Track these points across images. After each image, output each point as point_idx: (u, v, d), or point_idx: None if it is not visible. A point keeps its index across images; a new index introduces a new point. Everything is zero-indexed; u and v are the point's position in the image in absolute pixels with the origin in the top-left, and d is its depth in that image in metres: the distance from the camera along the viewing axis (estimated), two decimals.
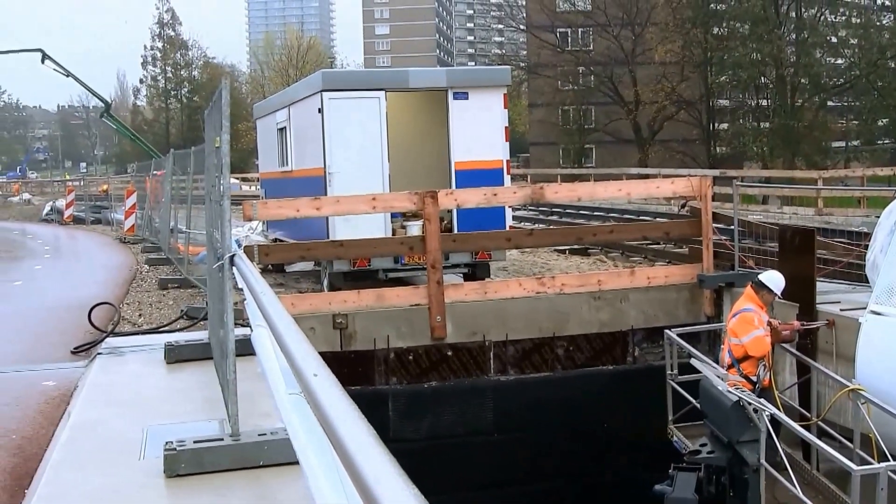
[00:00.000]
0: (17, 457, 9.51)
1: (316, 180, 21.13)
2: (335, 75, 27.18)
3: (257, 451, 7.93)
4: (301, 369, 3.76)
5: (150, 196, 39.35)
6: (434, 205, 17.34)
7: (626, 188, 22.39)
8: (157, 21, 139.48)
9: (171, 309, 18.73)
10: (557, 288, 18.34)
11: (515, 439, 17.79)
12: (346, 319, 17.21)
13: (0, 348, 16.00)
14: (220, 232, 8.52)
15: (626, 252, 27.93)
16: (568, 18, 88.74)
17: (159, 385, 11.85)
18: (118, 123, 79.89)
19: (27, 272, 29.32)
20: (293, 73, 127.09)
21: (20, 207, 72.75)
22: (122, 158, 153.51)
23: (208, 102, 11.22)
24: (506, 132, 21.53)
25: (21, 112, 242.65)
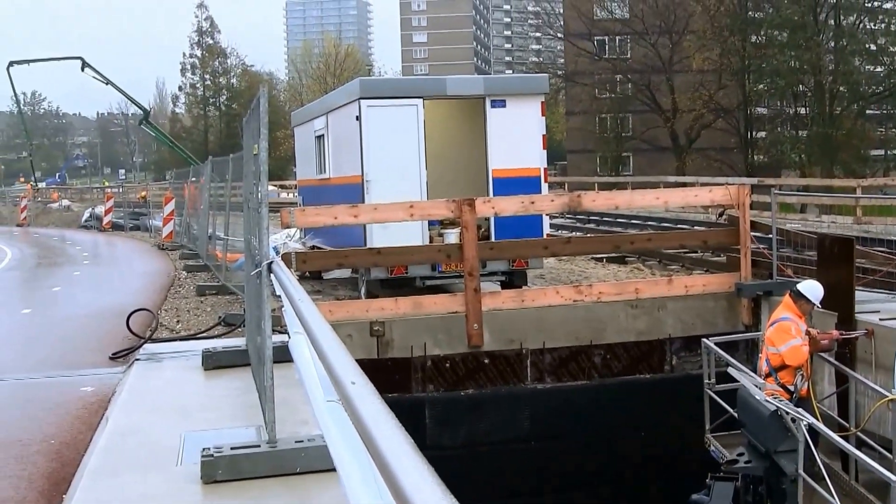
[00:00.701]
0: (56, 462, 9.55)
1: (353, 188, 21.16)
2: (373, 83, 27.23)
3: (294, 458, 7.94)
4: (339, 377, 3.76)
5: (188, 203, 39.46)
6: (471, 212, 17.34)
7: (663, 196, 22.33)
8: (197, 29, 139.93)
9: (209, 315, 18.78)
10: (595, 296, 18.31)
11: (552, 447, 17.75)
12: (383, 327, 17.22)
13: (39, 353, 16.09)
14: (258, 239, 8.54)
15: (663, 260, 27.83)
16: (605, 26, 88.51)
17: (197, 391, 11.88)
18: (157, 131, 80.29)
19: (66, 278, 29.47)
20: (331, 80, 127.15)
21: (59, 214, 73.08)
22: (160, 165, 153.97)
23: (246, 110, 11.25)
24: (543, 140, 21.50)
25: (61, 119, 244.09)
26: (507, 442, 17.60)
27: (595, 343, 18.12)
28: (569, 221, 41.58)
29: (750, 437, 14.39)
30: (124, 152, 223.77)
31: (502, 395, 17.70)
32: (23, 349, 16.79)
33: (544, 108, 21.91)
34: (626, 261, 28.57)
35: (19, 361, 15.41)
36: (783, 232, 20.89)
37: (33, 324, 20.16)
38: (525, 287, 21.23)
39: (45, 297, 25.39)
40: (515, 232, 20.42)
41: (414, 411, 16.78)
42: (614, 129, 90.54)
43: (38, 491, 8.76)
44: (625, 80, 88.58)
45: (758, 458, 14.10)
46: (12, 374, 14.33)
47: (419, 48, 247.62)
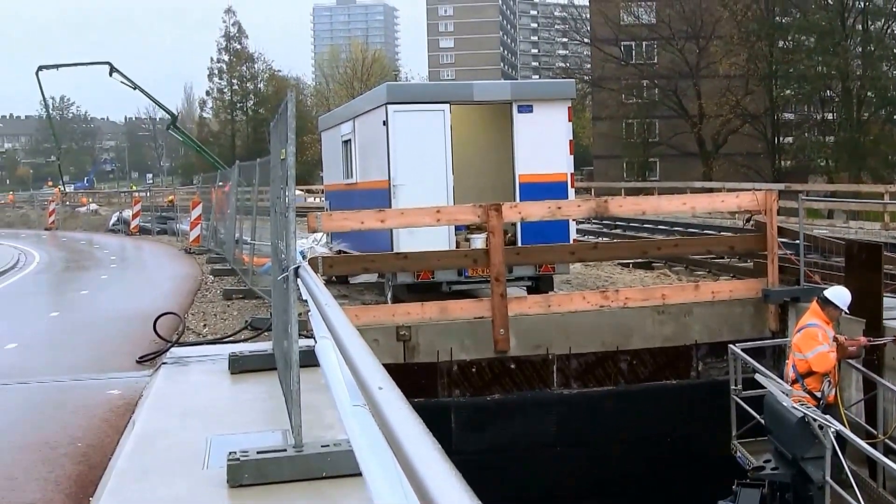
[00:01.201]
0: (82, 465, 9.58)
1: (380, 192, 21.17)
2: (400, 88, 27.26)
3: (320, 463, 7.95)
4: (366, 382, 3.76)
5: (215, 207, 39.59)
6: (498, 218, 17.33)
7: (690, 202, 22.30)
8: (224, 34, 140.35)
9: (236, 319, 18.82)
10: (621, 302, 18.28)
11: (578, 453, 17.73)
12: (409, 331, 17.23)
13: (66, 357, 16.15)
14: (286, 243, 8.55)
15: (690, 266, 27.77)
16: (632, 32, 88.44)
17: (223, 395, 11.91)
18: (184, 135, 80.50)
19: (93, 282, 29.58)
20: (358, 85, 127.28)
21: (87, 217, 73.40)
22: (187, 170, 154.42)
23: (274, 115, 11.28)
24: (570, 145, 21.49)
25: (89, 124, 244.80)
26: (533, 447, 17.58)
27: (621, 349, 18.09)
28: (595, 227, 41.52)
29: (777, 444, 14.35)
30: (152, 157, 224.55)
31: (528, 401, 17.69)
32: (50, 352, 16.85)
33: (571, 113, 21.90)
34: (653, 266, 28.51)
35: (47, 364, 15.47)
36: (810, 238, 20.83)
37: (61, 327, 20.24)
38: (551, 292, 21.21)
39: (73, 301, 25.50)
40: (542, 237, 20.40)
41: (440, 416, 16.78)
42: (641, 135, 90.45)
43: (65, 493, 8.79)
44: (651, 85, 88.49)
45: (785, 464, 14.06)
46: (40, 376, 14.38)
47: (446, 53, 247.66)
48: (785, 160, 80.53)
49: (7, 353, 16.73)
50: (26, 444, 10.51)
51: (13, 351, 16.92)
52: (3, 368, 15.14)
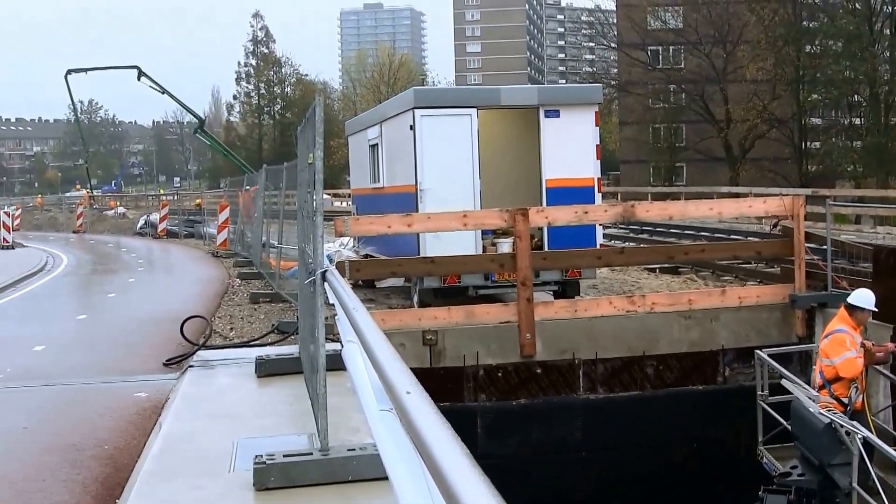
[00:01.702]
0: (109, 467, 9.61)
1: (407, 197, 21.19)
2: (427, 93, 27.26)
3: (346, 466, 7.97)
4: (394, 386, 3.76)
5: (242, 211, 39.66)
6: (525, 222, 17.33)
7: (717, 207, 22.21)
8: (252, 38, 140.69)
9: (263, 323, 18.85)
10: (648, 307, 18.25)
11: (604, 458, 17.71)
12: (435, 336, 17.24)
13: (94, 359, 16.20)
14: (313, 247, 8.57)
15: (716, 271, 27.69)
16: (659, 36, 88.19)
17: (249, 398, 11.94)
18: (212, 139, 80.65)
19: (121, 285, 29.68)
20: (385, 90, 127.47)
21: (115, 221, 73.65)
22: (214, 173, 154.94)
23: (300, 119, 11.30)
24: (597, 150, 21.47)
25: (117, 127, 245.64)
26: (559, 452, 17.58)
27: (648, 354, 18.07)
28: (621, 231, 41.45)
29: (803, 450, 14.31)
30: (179, 160, 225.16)
31: (554, 405, 17.68)
32: (78, 354, 16.91)
33: (598, 117, 21.88)
34: (680, 271, 28.45)
35: (74, 366, 15.53)
36: (838, 243, 20.77)
37: (88, 329, 20.30)
38: (578, 297, 21.19)
39: (101, 303, 25.59)
40: (568, 242, 20.38)
41: (466, 420, 16.78)
42: (667, 140, 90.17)
43: (92, 495, 8.82)
44: (678, 90, 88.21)
45: (811, 471, 14.01)
46: (67, 378, 14.44)
47: (472, 58, 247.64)
48: (812, 165, 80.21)
49: (35, 354, 16.81)
50: (53, 445, 10.55)
51: (41, 353, 16.99)
52: (31, 370, 15.21)
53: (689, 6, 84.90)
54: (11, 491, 9.16)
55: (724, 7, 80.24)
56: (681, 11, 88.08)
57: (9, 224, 51.98)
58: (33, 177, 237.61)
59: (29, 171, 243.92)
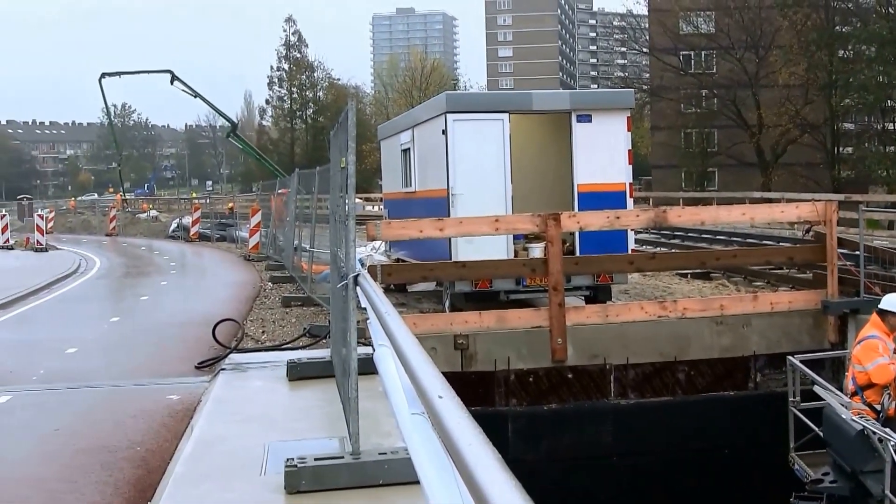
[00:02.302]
0: (141, 469, 9.66)
1: (439, 201, 21.20)
2: (459, 97, 27.31)
3: (377, 470, 7.98)
4: (426, 390, 3.77)
5: (274, 215, 39.75)
6: (557, 227, 17.32)
7: (749, 212, 22.17)
8: (284, 43, 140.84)
9: (294, 326, 18.88)
10: (679, 312, 18.20)
11: (635, 463, 17.68)
12: (467, 340, 17.24)
13: (126, 362, 16.28)
14: (345, 251, 8.58)
15: (748, 277, 27.60)
16: (691, 41, 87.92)
17: (281, 402, 11.97)
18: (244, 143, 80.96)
19: (153, 287, 29.81)
20: (417, 94, 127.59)
21: (147, 224, 73.93)
22: (247, 177, 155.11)
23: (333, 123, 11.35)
24: (629, 155, 21.44)
25: (150, 131, 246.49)
26: (590, 457, 17.55)
27: (679, 359, 18.02)
28: (652, 237, 41.36)
29: (835, 457, 14.25)
30: (212, 164, 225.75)
31: (585, 410, 17.65)
32: (111, 357, 16.99)
33: (630, 122, 21.86)
34: (711, 277, 28.37)
35: (107, 369, 15.61)
36: (871, 249, 20.64)
37: (121, 332, 20.39)
38: (609, 302, 21.16)
39: (133, 306, 25.71)
40: (600, 247, 20.36)
41: (497, 425, 16.76)
42: (699, 144, 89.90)
43: (124, 497, 8.87)
44: (710, 94, 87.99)
45: (843, 478, 13.96)
46: (100, 381, 14.52)
47: (504, 62, 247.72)
48: (844, 170, 79.80)
49: (68, 357, 16.90)
50: (86, 447, 10.61)
51: (74, 355, 17.08)
52: (65, 372, 15.30)
53: (722, 11, 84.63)
54: (43, 492, 9.23)
55: (757, 12, 79.98)
56: (713, 16, 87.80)
57: (42, 227, 52.24)
58: (66, 180, 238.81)
59: (62, 173, 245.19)
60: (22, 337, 20.04)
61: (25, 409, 13.03)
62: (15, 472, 9.93)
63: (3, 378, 15.10)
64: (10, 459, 10.43)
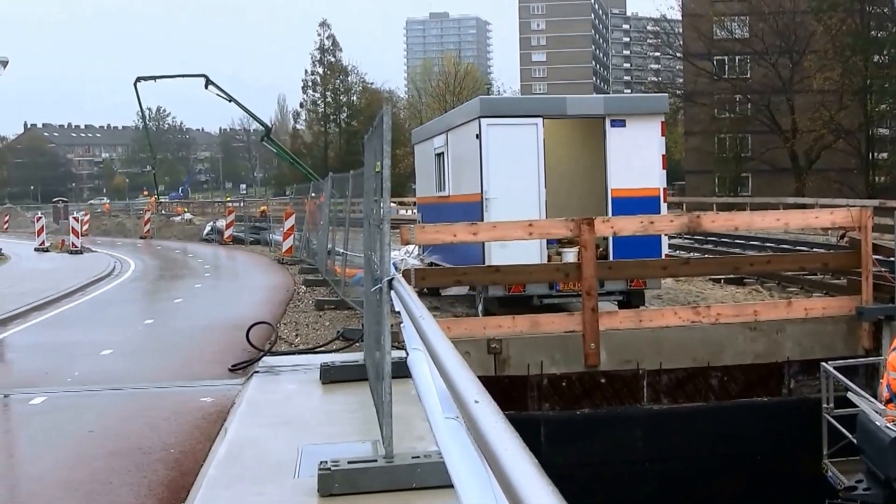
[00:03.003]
0: (175, 471, 9.70)
1: (473, 206, 21.20)
2: (493, 102, 27.26)
3: (410, 474, 7.98)
4: (462, 394, 3.77)
5: (308, 218, 39.85)
6: (590, 232, 17.28)
7: (784, 218, 22.06)
8: (319, 47, 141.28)
9: (328, 330, 18.92)
10: (713, 317, 18.13)
11: (667, 469, 17.62)
12: (500, 344, 17.22)
13: (160, 364, 16.35)
14: (379, 255, 8.60)
15: (782, 282, 27.51)
16: (725, 46, 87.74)
17: (314, 405, 12.00)
18: (278, 147, 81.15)
19: (187, 290, 29.91)
20: (450, 99, 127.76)
21: (182, 227, 74.22)
22: (280, 181, 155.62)
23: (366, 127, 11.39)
24: (663, 160, 21.39)
25: (185, 134, 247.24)
26: (622, 462, 17.50)
27: (712, 365, 17.94)
28: (686, 242, 41.25)
29: (869, 464, 14.17)
30: (245, 167, 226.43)
31: (618, 416, 17.60)
32: (145, 359, 17.07)
33: (664, 127, 21.81)
34: (745, 282, 28.28)
35: (141, 371, 15.68)
36: None
37: (155, 334, 20.48)
38: (642, 307, 21.11)
39: (167, 309, 25.80)
40: (634, 252, 20.31)
41: (529, 429, 16.72)
42: (733, 150, 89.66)
43: (157, 498, 8.91)
44: (744, 100, 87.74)
45: (877, 485, 13.88)
46: (134, 383, 14.59)
47: (538, 67, 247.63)
48: (879, 176, 79.52)
49: (102, 359, 16.98)
50: (120, 449, 10.66)
51: (108, 357, 17.16)
52: (99, 374, 15.38)
53: (756, 16, 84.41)
54: (78, 493, 9.28)
55: (791, 17, 79.75)
56: (747, 21, 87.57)
57: (78, 229, 52.51)
58: (101, 182, 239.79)
59: (97, 176, 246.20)
60: (57, 339, 20.14)
61: (60, 410, 13.10)
62: (51, 473, 9.99)
63: (39, 380, 15.20)
64: (45, 461, 10.49)
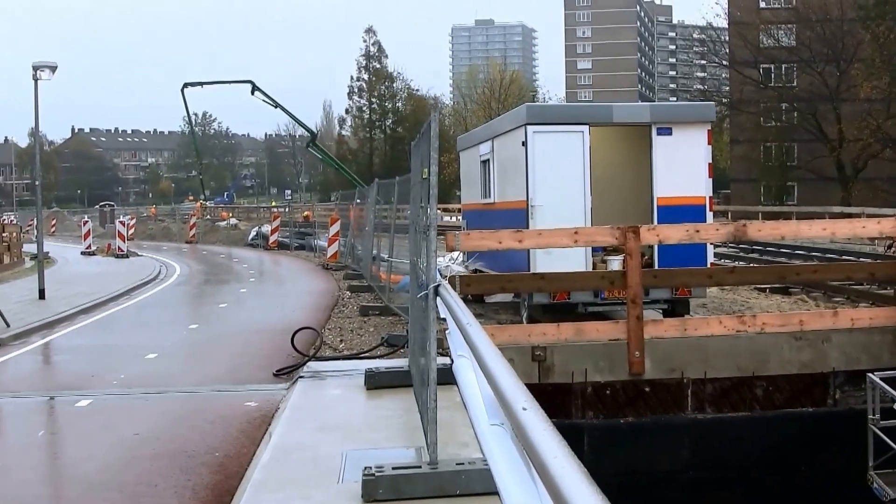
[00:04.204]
0: (219, 474, 9.75)
1: (518, 213, 21.19)
2: (540, 109, 27.27)
3: (455, 480, 7.98)
4: (509, 402, 3.77)
5: (353, 224, 39.93)
6: (636, 240, 17.22)
7: (830, 227, 21.93)
8: (364, 53, 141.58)
9: (372, 335, 18.95)
10: (758, 327, 18.03)
11: (711, 478, 17.53)
12: (544, 352, 17.19)
13: (205, 368, 16.44)
14: (426, 262, 8.60)
15: (827, 292, 27.36)
16: (771, 54, 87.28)
17: (358, 410, 12.01)
18: (323, 153, 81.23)
19: (232, 295, 30.04)
20: (495, 105, 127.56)
21: (227, 232, 74.50)
22: (326, 187, 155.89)
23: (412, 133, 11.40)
24: (709, 168, 21.31)
25: (230, 140, 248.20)
26: (666, 471, 17.43)
27: (757, 374, 17.85)
28: (731, 250, 41.11)
29: None
30: (291, 173, 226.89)
31: (662, 424, 17.54)
32: (190, 363, 17.17)
33: (710, 136, 21.73)
34: (790, 292, 28.14)
35: (187, 375, 15.77)
36: None
37: (200, 338, 20.59)
38: (687, 316, 21.04)
39: (212, 313, 25.91)
40: (679, 260, 20.24)
41: (573, 437, 16.65)
42: (779, 158, 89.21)
43: (202, 501, 8.96)
44: (790, 108, 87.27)
45: None
46: (180, 387, 14.67)
47: (583, 74, 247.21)
48: None
49: (148, 362, 17.08)
50: (166, 452, 10.73)
51: (153, 361, 17.26)
52: (144, 378, 15.47)
53: (803, 24, 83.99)
54: (123, 495, 9.34)
55: (838, 25, 79.29)
56: (794, 29, 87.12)
57: (124, 233, 52.88)
58: (147, 187, 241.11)
59: (144, 181, 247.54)
60: (103, 342, 20.29)
61: (106, 412, 13.20)
62: (97, 475, 10.07)
63: (85, 382, 15.32)
64: (91, 462, 10.57)
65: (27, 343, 20.36)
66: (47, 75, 28.82)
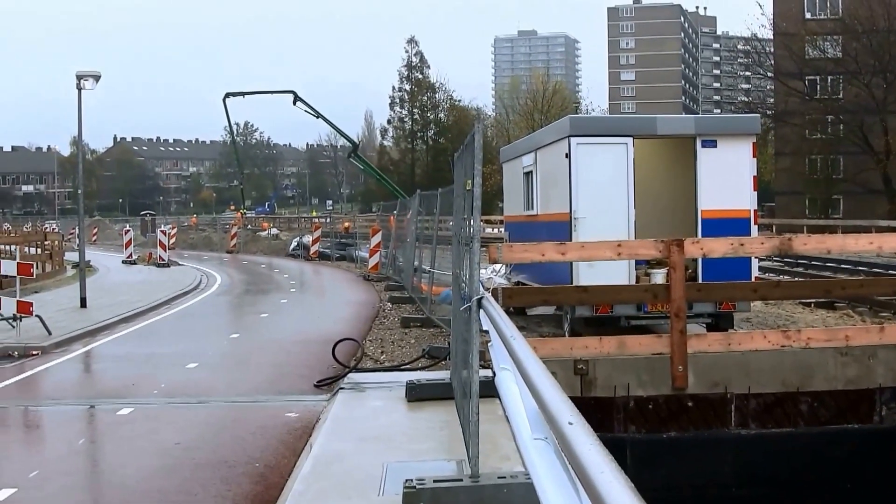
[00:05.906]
0: (260, 485, 9.72)
1: (561, 225, 21.11)
2: (583, 121, 27.16)
3: (496, 494, 7.91)
4: (554, 416, 3.71)
5: (394, 235, 39.93)
6: (680, 253, 17.10)
7: (877, 241, 21.72)
8: (406, 64, 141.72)
9: (413, 347, 18.91)
10: (803, 342, 17.87)
11: (755, 494, 17.39)
12: (587, 365, 17.09)
13: (245, 378, 16.44)
14: (469, 274, 8.55)
15: (874, 307, 27.12)
16: (817, 66, 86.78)
17: (399, 422, 11.97)
18: (365, 163, 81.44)
19: (273, 305, 30.07)
20: (538, 117, 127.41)
21: (268, 242, 74.76)
22: (367, 197, 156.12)
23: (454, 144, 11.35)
24: (754, 181, 21.18)
25: (272, 150, 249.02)
26: (709, 487, 17.30)
27: (802, 390, 17.70)
28: (775, 264, 40.87)
29: None
30: (332, 183, 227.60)
31: (705, 439, 17.41)
32: (231, 373, 17.18)
33: (755, 148, 21.60)
34: (836, 306, 27.92)
35: (227, 385, 15.78)
36: None
37: (241, 348, 20.60)
38: (731, 330, 20.88)
39: (253, 323, 25.93)
40: (723, 274, 20.11)
41: (615, 451, 16.49)
42: (824, 171, 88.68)
43: None
44: (836, 120, 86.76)
45: None
46: (221, 397, 14.68)
47: (626, 86, 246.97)
48: None
49: (188, 372, 17.11)
50: (206, 461, 10.72)
51: (194, 370, 17.29)
52: (185, 387, 15.50)
53: (849, 35, 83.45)
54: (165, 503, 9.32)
55: (885, 36, 78.75)
56: (840, 40, 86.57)
57: (165, 243, 53.07)
58: (189, 196, 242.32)
59: (185, 190, 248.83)
60: (144, 351, 20.33)
61: (147, 421, 13.21)
62: (139, 483, 10.07)
63: (126, 391, 15.36)
64: (132, 470, 10.58)
65: (69, 351, 20.43)
66: (91, 84, 28.94)
